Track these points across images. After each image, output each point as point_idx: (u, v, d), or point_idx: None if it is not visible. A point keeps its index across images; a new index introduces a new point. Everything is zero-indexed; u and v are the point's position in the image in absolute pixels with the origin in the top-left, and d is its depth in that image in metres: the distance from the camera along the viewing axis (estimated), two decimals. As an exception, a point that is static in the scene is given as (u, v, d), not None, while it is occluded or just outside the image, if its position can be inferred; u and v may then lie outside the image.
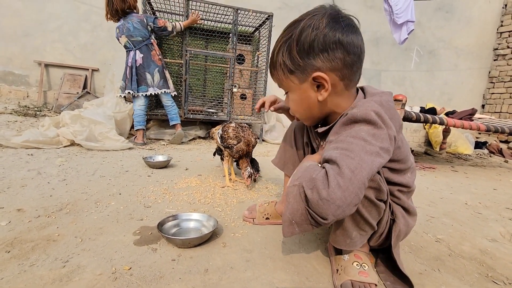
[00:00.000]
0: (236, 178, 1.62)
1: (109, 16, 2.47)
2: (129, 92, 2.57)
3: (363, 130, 0.61)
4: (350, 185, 0.54)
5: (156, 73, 2.61)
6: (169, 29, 2.67)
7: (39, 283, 0.66)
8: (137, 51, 2.53)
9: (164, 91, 2.66)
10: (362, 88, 0.77)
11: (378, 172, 0.68)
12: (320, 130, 0.78)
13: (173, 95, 2.76)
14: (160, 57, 2.66)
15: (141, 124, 2.62)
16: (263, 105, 1.03)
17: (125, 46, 2.57)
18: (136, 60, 2.54)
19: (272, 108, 1.03)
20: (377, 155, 0.59)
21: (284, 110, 1.04)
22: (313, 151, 0.94)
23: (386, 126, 0.62)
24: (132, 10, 2.51)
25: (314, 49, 0.66)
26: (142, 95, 2.60)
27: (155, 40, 2.69)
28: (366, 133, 0.60)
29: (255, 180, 1.60)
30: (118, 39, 2.55)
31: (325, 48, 0.66)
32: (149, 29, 2.59)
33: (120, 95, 2.69)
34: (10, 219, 0.97)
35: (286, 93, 0.79)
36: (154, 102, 3.16)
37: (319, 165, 0.63)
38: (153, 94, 2.62)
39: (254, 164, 1.61)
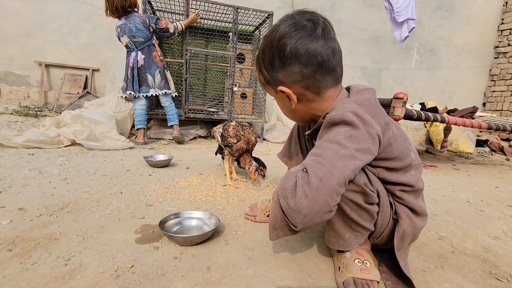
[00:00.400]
0: (237, 176, 1.61)
1: (108, 12, 2.45)
2: (130, 93, 2.57)
3: (341, 132, 0.61)
4: (318, 194, 0.55)
5: (157, 74, 2.61)
6: (171, 30, 2.66)
7: (41, 281, 0.66)
8: (139, 52, 2.53)
9: (165, 92, 2.66)
10: (348, 88, 0.76)
11: (366, 174, 0.67)
12: (307, 133, 0.80)
13: (173, 96, 2.76)
14: (161, 58, 2.65)
15: (141, 123, 2.62)
16: None
17: (126, 46, 2.56)
18: (137, 61, 2.53)
19: None
20: (352, 158, 0.58)
21: None
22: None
23: (366, 125, 0.61)
24: (133, 9, 2.49)
25: (274, 66, 0.71)
26: (143, 95, 2.60)
27: (157, 41, 2.69)
28: (343, 136, 0.60)
29: (263, 176, 1.58)
30: (119, 38, 2.54)
31: (282, 64, 0.69)
32: (151, 30, 2.58)
33: (121, 96, 2.69)
34: (12, 218, 0.96)
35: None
36: (155, 102, 3.16)
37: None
38: (154, 95, 2.62)
39: (258, 161, 1.61)
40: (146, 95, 2.61)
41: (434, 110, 2.81)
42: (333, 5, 4.35)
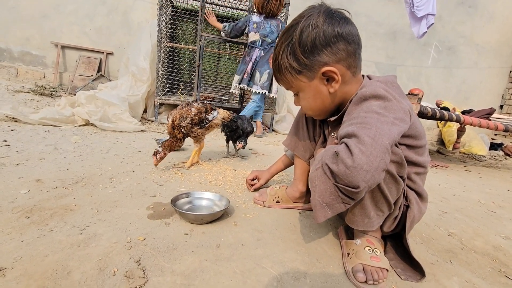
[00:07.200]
0: (199, 162, 1.59)
1: (258, 7, 2.53)
2: (243, 86, 2.67)
3: (374, 105, 0.63)
4: (373, 150, 0.55)
5: (265, 74, 2.68)
6: None
7: (58, 247, 0.69)
8: (261, 51, 2.62)
9: (265, 93, 2.72)
10: (368, 76, 0.80)
11: (397, 147, 0.69)
12: (332, 119, 0.81)
13: (271, 97, 2.83)
14: None
15: (257, 117, 2.79)
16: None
17: (252, 42, 2.64)
18: (257, 58, 2.63)
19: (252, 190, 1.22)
20: (393, 124, 0.60)
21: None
22: (324, 134, 0.97)
23: (397, 100, 0.64)
24: (276, 16, 2.61)
25: (317, 46, 0.70)
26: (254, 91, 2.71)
27: None
28: (378, 107, 0.62)
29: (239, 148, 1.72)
30: (247, 33, 2.62)
31: (327, 43, 0.70)
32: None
33: (236, 87, 2.77)
34: (30, 188, 1.00)
35: (296, 94, 0.83)
36: (167, 87, 3.17)
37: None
38: (257, 92, 2.70)
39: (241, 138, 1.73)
40: (255, 91, 2.71)
41: (446, 110, 2.74)
42: (351, -3, 4.25)
